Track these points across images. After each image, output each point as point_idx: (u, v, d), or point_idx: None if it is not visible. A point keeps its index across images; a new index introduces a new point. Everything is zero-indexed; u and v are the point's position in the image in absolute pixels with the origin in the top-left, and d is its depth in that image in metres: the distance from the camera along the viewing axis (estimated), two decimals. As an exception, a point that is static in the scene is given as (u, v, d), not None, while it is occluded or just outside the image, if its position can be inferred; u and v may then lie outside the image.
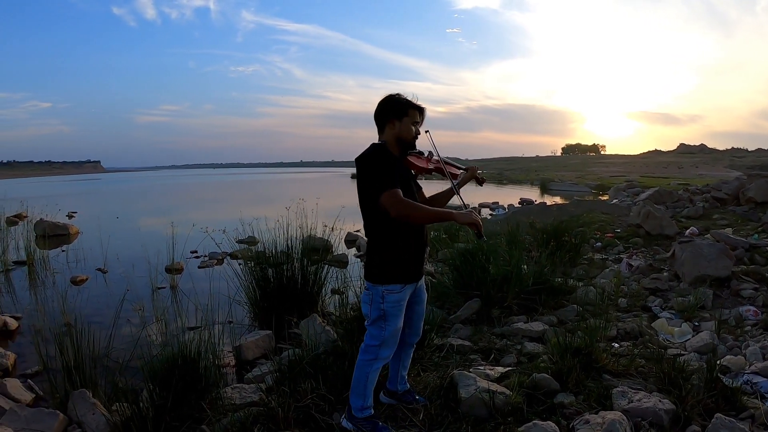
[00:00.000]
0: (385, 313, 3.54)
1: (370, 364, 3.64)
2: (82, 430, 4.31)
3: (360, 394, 3.67)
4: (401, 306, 3.61)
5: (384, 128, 3.63)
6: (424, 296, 3.96)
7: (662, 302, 7.15)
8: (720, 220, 14.05)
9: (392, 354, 3.73)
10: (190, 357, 4.41)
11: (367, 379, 3.65)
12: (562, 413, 3.91)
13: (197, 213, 25.29)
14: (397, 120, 3.58)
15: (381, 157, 3.47)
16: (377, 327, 3.59)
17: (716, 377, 4.20)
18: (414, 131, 3.65)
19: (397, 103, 3.60)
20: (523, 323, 6.08)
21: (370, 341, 3.63)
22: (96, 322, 6.72)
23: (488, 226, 13.47)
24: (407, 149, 3.70)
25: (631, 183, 39.09)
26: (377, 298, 3.55)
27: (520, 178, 64.93)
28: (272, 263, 7.26)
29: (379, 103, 3.66)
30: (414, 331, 3.97)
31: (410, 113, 3.60)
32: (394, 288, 3.53)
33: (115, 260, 12.44)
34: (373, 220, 3.54)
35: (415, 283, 3.70)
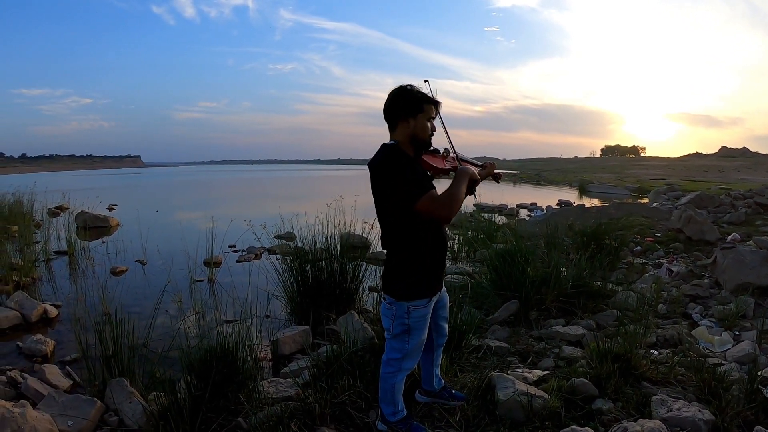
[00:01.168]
0: (410, 328, 3.40)
1: (394, 376, 3.56)
2: (119, 417, 4.36)
3: (389, 402, 3.64)
4: (427, 319, 3.48)
5: (396, 126, 3.34)
6: (446, 300, 3.86)
7: (703, 309, 7.03)
8: (763, 226, 13.79)
9: (415, 364, 3.66)
10: (228, 349, 4.42)
11: (393, 389, 3.59)
12: (600, 420, 3.89)
13: (235, 208, 25.51)
14: (411, 118, 3.29)
15: (398, 162, 3.20)
16: (400, 341, 3.46)
17: (757, 389, 4.12)
18: (430, 129, 3.38)
19: (411, 98, 3.30)
20: (562, 326, 6.04)
21: (392, 354, 3.53)
22: (135, 312, 6.82)
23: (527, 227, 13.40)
24: (422, 149, 3.44)
25: (672, 186, 38.57)
26: (401, 313, 3.38)
27: (558, 180, 64.39)
28: (311, 259, 7.27)
29: (389, 97, 3.35)
30: (440, 334, 3.90)
31: (425, 109, 3.31)
32: (420, 303, 3.39)
33: (155, 252, 12.56)
34: (393, 232, 3.36)
35: (439, 292, 3.60)
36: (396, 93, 3.31)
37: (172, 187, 53.31)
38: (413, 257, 3.34)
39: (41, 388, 4.93)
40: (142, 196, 38.69)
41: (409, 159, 3.30)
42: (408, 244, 3.32)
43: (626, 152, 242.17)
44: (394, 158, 3.21)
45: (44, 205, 16.89)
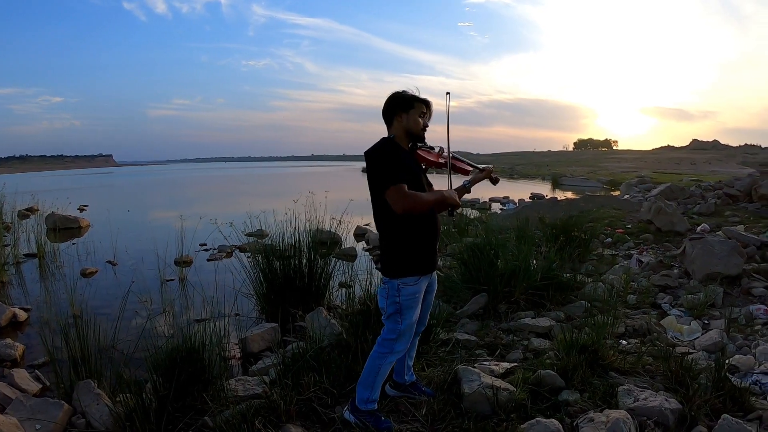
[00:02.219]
0: (401, 307, 3.58)
1: (384, 357, 3.66)
2: (86, 420, 4.32)
3: (368, 385, 3.69)
4: (417, 299, 3.64)
5: (392, 122, 3.68)
6: (435, 286, 4.01)
7: (672, 299, 7.09)
8: (732, 217, 13.94)
9: (405, 348, 3.74)
10: (194, 348, 4.40)
11: (378, 371, 3.67)
12: (567, 411, 3.88)
13: (207, 206, 25.34)
14: (404, 113, 3.63)
15: (389, 150, 3.53)
16: (393, 321, 3.62)
17: (724, 377, 4.15)
18: (422, 123, 3.70)
19: (403, 97, 3.65)
20: (530, 319, 6.05)
21: (387, 335, 3.66)
22: (104, 314, 6.75)
23: (498, 221, 13.43)
24: (416, 142, 3.77)
25: (643, 179, 38.88)
26: (393, 291, 3.58)
27: (532, 173, 64.73)
28: (279, 256, 7.24)
29: (386, 101, 3.71)
30: (421, 321, 3.97)
31: (416, 106, 3.64)
32: (409, 281, 3.57)
33: (125, 253, 12.46)
34: (385, 214, 3.57)
35: (430, 274, 3.75)
36: (391, 95, 3.70)
37: (145, 187, 52.92)
38: (403, 237, 3.58)
39: (10, 393, 4.86)
40: (114, 196, 38.41)
41: (403, 151, 3.65)
42: (397, 224, 3.55)
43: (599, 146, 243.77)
44: (387, 147, 3.56)
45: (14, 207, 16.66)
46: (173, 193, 41.82)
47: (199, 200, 32.53)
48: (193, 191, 44.71)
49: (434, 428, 3.72)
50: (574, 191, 35.93)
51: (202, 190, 45.42)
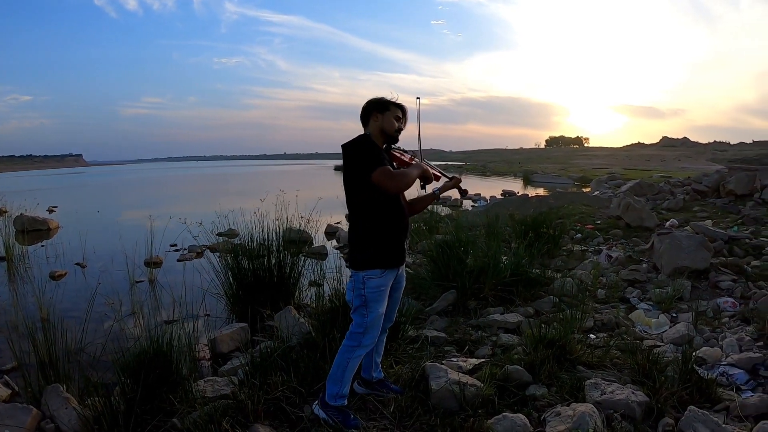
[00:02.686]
0: (366, 300, 3.63)
1: (352, 351, 3.69)
2: (55, 425, 4.27)
3: (337, 380, 3.71)
4: (382, 292, 3.68)
5: (368, 122, 3.80)
6: (403, 283, 4.05)
7: (640, 293, 7.17)
8: (700, 212, 14.13)
9: (374, 342, 3.78)
10: (162, 350, 4.38)
11: (347, 365, 3.70)
12: (534, 405, 3.92)
13: (178, 206, 25.12)
14: (379, 113, 3.75)
15: (368, 142, 3.66)
16: (359, 314, 3.67)
17: (691, 369, 4.21)
18: (396, 126, 3.80)
19: (381, 100, 3.79)
20: (499, 315, 6.08)
21: (355, 328, 3.70)
22: (73, 317, 6.65)
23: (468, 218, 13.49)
24: (391, 143, 3.87)
25: (613, 175, 39.22)
26: (358, 284, 3.64)
27: (504, 170, 65.00)
28: (249, 255, 7.23)
29: (364, 104, 3.84)
30: (388, 317, 3.99)
31: (392, 109, 3.78)
32: (374, 273, 3.62)
33: (95, 255, 12.33)
34: (357, 205, 3.67)
35: (396, 269, 3.79)
36: (370, 99, 3.84)
37: (115, 187, 52.36)
38: (370, 229, 3.67)
39: (-22, 399, 4.82)
40: (84, 197, 37.93)
41: (378, 147, 3.72)
42: (366, 216, 3.67)
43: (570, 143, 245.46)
44: (366, 140, 3.69)
45: (-19, 209, 16.46)
46: (144, 193, 41.43)
47: (169, 200, 32.26)
48: (163, 191, 44.36)
49: (402, 425, 3.73)
50: (545, 188, 36.15)
51: (173, 190, 45.08)
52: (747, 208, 13.69)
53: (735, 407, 3.87)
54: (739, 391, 4.23)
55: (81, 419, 4.03)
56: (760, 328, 5.36)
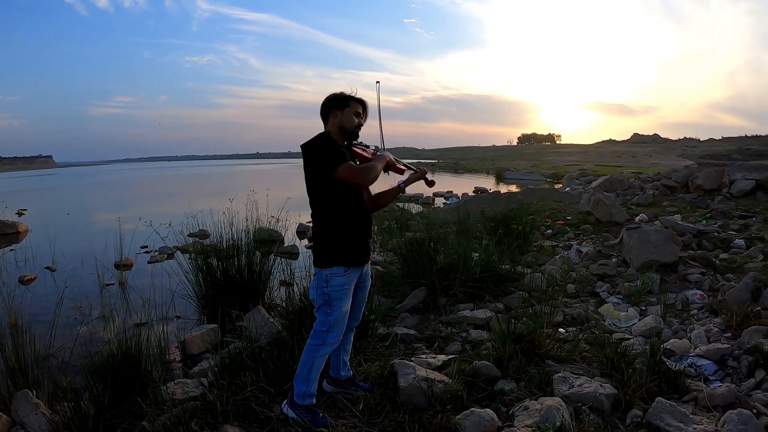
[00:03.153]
0: (329, 298, 3.61)
1: (317, 349, 3.67)
2: (25, 430, 4.23)
3: (304, 379, 3.69)
4: (346, 290, 3.66)
5: (328, 119, 3.77)
6: (368, 282, 4.03)
7: (610, 287, 7.22)
8: (669, 207, 14.31)
9: (339, 340, 3.75)
10: (131, 353, 4.36)
11: (312, 364, 3.68)
12: (502, 400, 3.93)
13: (149, 207, 24.91)
14: (338, 110, 3.72)
15: (327, 140, 3.62)
16: (323, 312, 3.65)
17: (660, 361, 4.25)
18: (356, 122, 3.78)
19: (340, 96, 3.76)
20: (469, 311, 6.09)
21: (318, 327, 3.68)
22: (43, 321, 6.56)
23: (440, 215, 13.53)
24: (351, 139, 3.82)
25: (584, 171, 39.52)
26: (321, 282, 3.62)
27: (476, 168, 65.23)
28: (219, 256, 7.20)
29: (323, 100, 3.81)
30: (354, 316, 3.98)
31: (352, 104, 3.75)
32: (337, 272, 3.60)
33: (65, 258, 12.16)
34: (320, 204, 3.65)
35: (360, 267, 3.77)
36: (329, 95, 3.81)
37: (86, 188, 51.79)
38: (333, 227, 3.66)
39: (-54, 407, 4.75)
40: (54, 199, 37.40)
41: (338, 145, 3.66)
42: (329, 215, 3.65)
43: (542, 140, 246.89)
44: (325, 138, 3.64)
45: (-53, 213, 16.20)
46: (115, 195, 41.00)
47: (140, 201, 32.02)
48: (135, 192, 43.96)
49: (371, 422, 3.72)
50: (517, 185, 36.29)
51: (145, 191, 44.70)
52: (715, 203, 13.89)
53: (703, 398, 3.91)
54: (707, 381, 4.28)
55: (51, 424, 4.00)
56: (728, 320, 5.42)
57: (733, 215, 12.11)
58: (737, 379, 4.34)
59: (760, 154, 52.04)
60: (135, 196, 37.57)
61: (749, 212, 12.29)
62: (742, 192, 14.67)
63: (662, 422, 3.48)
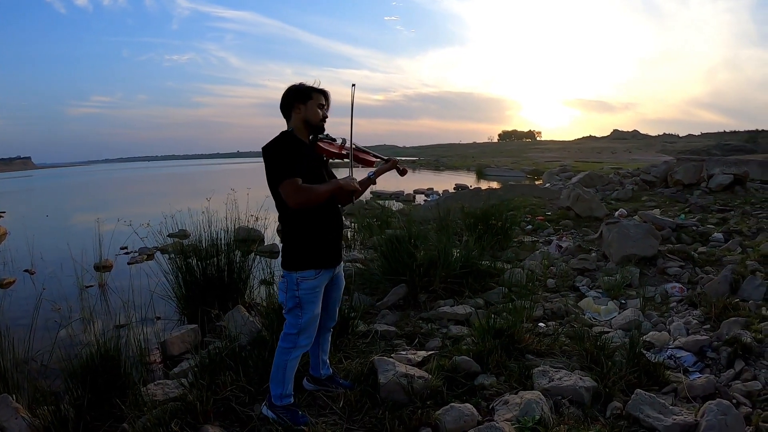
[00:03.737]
0: (300, 301, 3.55)
1: (289, 352, 3.62)
2: (6, 436, 4.21)
3: (279, 381, 3.66)
4: (317, 293, 3.61)
5: (290, 115, 3.63)
6: (341, 282, 3.99)
7: (590, 282, 7.25)
8: (648, 201, 14.43)
9: (312, 342, 3.72)
10: (110, 355, 4.34)
11: (285, 366, 3.64)
12: (482, 395, 3.95)
13: (128, 208, 24.76)
14: (301, 104, 3.58)
15: (285, 144, 3.48)
16: (294, 315, 3.59)
17: (639, 353, 4.28)
18: (321, 114, 3.65)
19: (301, 88, 3.62)
20: (449, 307, 6.08)
21: (289, 329, 3.62)
22: (22, 325, 6.50)
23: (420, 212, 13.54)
24: (317, 133, 3.70)
25: (565, 168, 39.71)
26: (292, 285, 3.54)
27: (457, 165, 65.46)
28: (198, 256, 7.17)
29: (283, 94, 3.66)
30: (330, 316, 3.97)
31: (314, 96, 3.61)
32: (308, 274, 3.54)
33: (44, 260, 12.04)
34: (285, 208, 3.52)
35: (332, 269, 3.72)
36: (288, 88, 3.64)
37: (65, 190, 51.42)
38: (302, 230, 3.56)
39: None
40: (33, 201, 37.15)
41: (301, 144, 3.57)
42: (297, 218, 3.53)
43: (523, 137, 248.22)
44: (284, 141, 3.49)
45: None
46: (94, 196, 40.71)
47: (119, 202, 31.83)
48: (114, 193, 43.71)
49: (351, 419, 3.73)
50: (498, 181, 36.48)
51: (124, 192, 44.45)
52: (694, 197, 14.03)
53: (683, 389, 3.94)
54: (686, 373, 4.31)
55: (31, 428, 3.97)
56: (707, 312, 5.47)
57: (711, 209, 12.25)
58: (716, 370, 4.37)
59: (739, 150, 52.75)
60: (114, 197, 37.36)
61: (727, 206, 12.44)
62: (720, 186, 14.84)
63: (642, 413, 3.50)
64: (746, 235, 9.20)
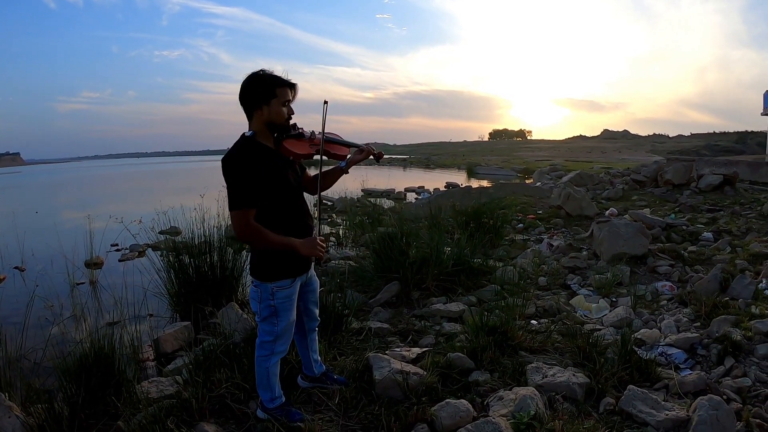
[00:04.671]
0: (276, 309, 3.44)
1: (268, 359, 3.56)
2: (-2, 434, 4.20)
3: (265, 387, 3.63)
4: (292, 300, 3.52)
5: (252, 116, 3.29)
6: (316, 284, 3.88)
7: (581, 280, 7.29)
8: (639, 201, 14.52)
9: (287, 347, 3.64)
10: (104, 352, 4.32)
11: (268, 373, 3.59)
12: (477, 391, 3.98)
13: (120, 204, 24.66)
14: (265, 105, 3.23)
15: (245, 157, 3.19)
16: (269, 323, 3.49)
17: (631, 350, 4.33)
18: (286, 112, 3.32)
19: (262, 84, 3.23)
20: (442, 304, 6.11)
21: (264, 337, 3.54)
22: (13, 323, 6.48)
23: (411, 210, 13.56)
24: (282, 132, 3.39)
25: (555, 167, 39.81)
26: (266, 295, 3.42)
27: (447, 163, 65.51)
28: (190, 253, 7.17)
29: (242, 85, 3.27)
30: (311, 318, 3.92)
31: (279, 93, 3.24)
32: (284, 284, 3.43)
33: (35, 257, 11.97)
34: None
35: (305, 273, 3.62)
36: (247, 80, 3.25)
37: (54, 186, 51.07)
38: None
39: None
40: (22, 198, 36.93)
41: (263, 151, 3.29)
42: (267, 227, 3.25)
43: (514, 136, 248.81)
44: (243, 154, 3.20)
45: None
46: (84, 192, 40.50)
47: (110, 198, 31.65)
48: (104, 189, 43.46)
49: (347, 416, 3.74)
50: (488, 180, 36.53)
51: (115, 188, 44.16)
52: (684, 197, 14.12)
53: (674, 385, 3.97)
54: (677, 369, 4.34)
55: (25, 427, 3.96)
56: (697, 310, 5.51)
57: (701, 209, 12.35)
58: (707, 366, 4.41)
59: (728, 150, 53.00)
60: (105, 194, 37.16)
61: (717, 206, 12.54)
62: (710, 186, 14.95)
63: (635, 409, 3.55)
64: (735, 235, 9.29)
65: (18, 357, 5.05)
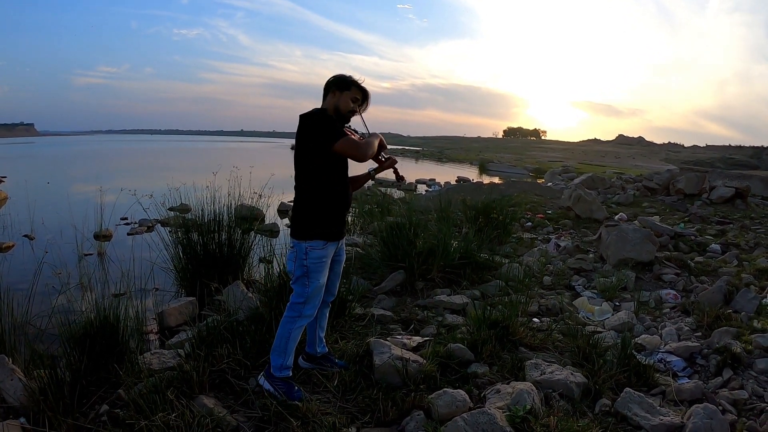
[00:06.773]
0: (308, 270, 3.70)
1: (294, 321, 3.76)
2: (0, 396, 4.25)
3: (281, 351, 3.76)
4: (324, 263, 3.76)
5: (326, 96, 3.87)
6: (343, 257, 4.15)
7: (585, 282, 7.31)
8: (649, 208, 14.47)
9: (315, 312, 3.84)
10: (109, 322, 4.37)
11: (289, 336, 3.75)
12: (475, 383, 4.02)
13: (130, 179, 24.71)
14: (338, 91, 3.81)
15: (326, 115, 3.75)
16: (301, 284, 3.74)
17: (630, 354, 4.35)
18: (351, 107, 3.84)
19: (345, 79, 3.84)
20: (446, 296, 6.15)
21: (295, 299, 3.77)
22: (20, 289, 6.52)
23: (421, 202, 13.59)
24: (342, 122, 3.85)
25: (567, 168, 39.70)
26: (301, 254, 3.71)
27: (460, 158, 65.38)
28: (199, 230, 7.22)
29: (329, 78, 3.89)
30: (330, 291, 4.10)
31: (353, 90, 3.83)
32: (317, 244, 3.70)
33: (44, 227, 12.05)
34: (306, 176, 3.74)
35: (337, 241, 3.89)
36: (335, 75, 3.90)
37: (67, 158, 51.22)
38: (316, 201, 3.75)
39: None
40: (35, 168, 37.07)
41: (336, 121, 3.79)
42: (314, 188, 3.75)
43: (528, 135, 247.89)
44: (322, 114, 3.76)
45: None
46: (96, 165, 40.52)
47: (122, 173, 31.74)
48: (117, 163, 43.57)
49: (345, 398, 3.79)
50: (500, 177, 36.46)
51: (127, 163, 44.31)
52: (694, 207, 14.06)
53: (671, 391, 4.00)
54: (675, 377, 4.37)
55: (26, 390, 4.00)
56: (699, 320, 5.52)
57: (711, 220, 12.30)
58: (705, 376, 4.44)
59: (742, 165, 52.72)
60: (117, 168, 37.24)
61: (727, 219, 12.49)
62: (721, 199, 14.87)
63: (630, 412, 3.58)
64: (743, 249, 9.26)
65: (23, 323, 5.09)
